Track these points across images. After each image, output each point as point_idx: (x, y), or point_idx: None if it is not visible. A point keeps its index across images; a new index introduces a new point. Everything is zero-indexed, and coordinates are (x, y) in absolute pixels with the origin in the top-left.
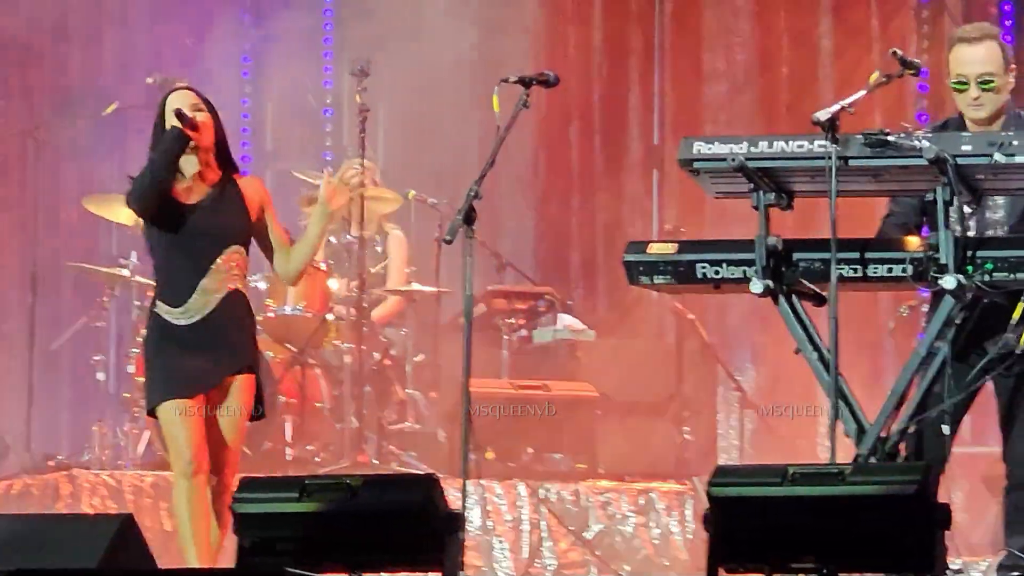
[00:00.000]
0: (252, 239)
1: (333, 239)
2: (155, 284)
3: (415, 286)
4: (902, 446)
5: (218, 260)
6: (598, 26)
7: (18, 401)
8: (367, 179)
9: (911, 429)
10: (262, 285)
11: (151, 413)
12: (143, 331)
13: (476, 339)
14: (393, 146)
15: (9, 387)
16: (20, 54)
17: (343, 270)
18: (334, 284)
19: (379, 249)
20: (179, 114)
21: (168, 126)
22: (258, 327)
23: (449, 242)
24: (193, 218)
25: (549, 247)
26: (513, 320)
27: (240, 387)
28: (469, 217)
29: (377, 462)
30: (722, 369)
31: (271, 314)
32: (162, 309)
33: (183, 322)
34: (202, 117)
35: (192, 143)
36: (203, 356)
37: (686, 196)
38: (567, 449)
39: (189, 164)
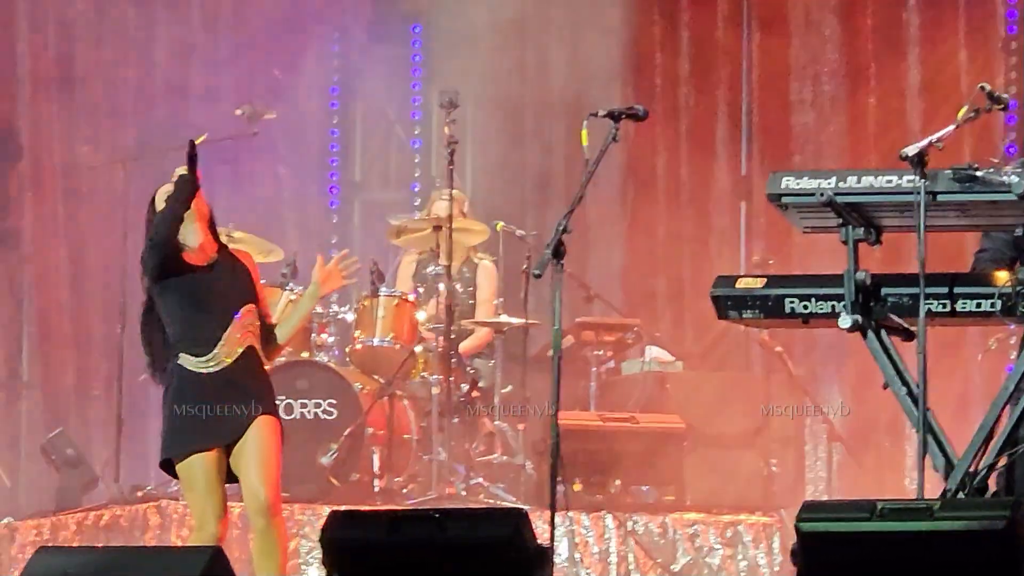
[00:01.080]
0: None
1: (421, 271)
2: (175, 341)
3: (504, 318)
4: (991, 481)
5: (238, 316)
6: (685, 56)
7: (107, 432)
8: (456, 211)
9: (1000, 464)
10: (349, 316)
11: (166, 464)
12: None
13: (564, 371)
14: (481, 178)
15: (98, 418)
16: (110, 84)
17: (431, 302)
18: (422, 315)
19: (468, 280)
20: (190, 156)
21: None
22: (345, 358)
23: (538, 276)
24: (210, 277)
25: (637, 279)
26: (601, 352)
27: (257, 426)
28: (558, 251)
29: (465, 494)
30: (810, 401)
31: (359, 345)
32: (187, 361)
33: (206, 371)
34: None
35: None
36: (227, 407)
37: (774, 228)
38: (654, 481)
39: (193, 234)
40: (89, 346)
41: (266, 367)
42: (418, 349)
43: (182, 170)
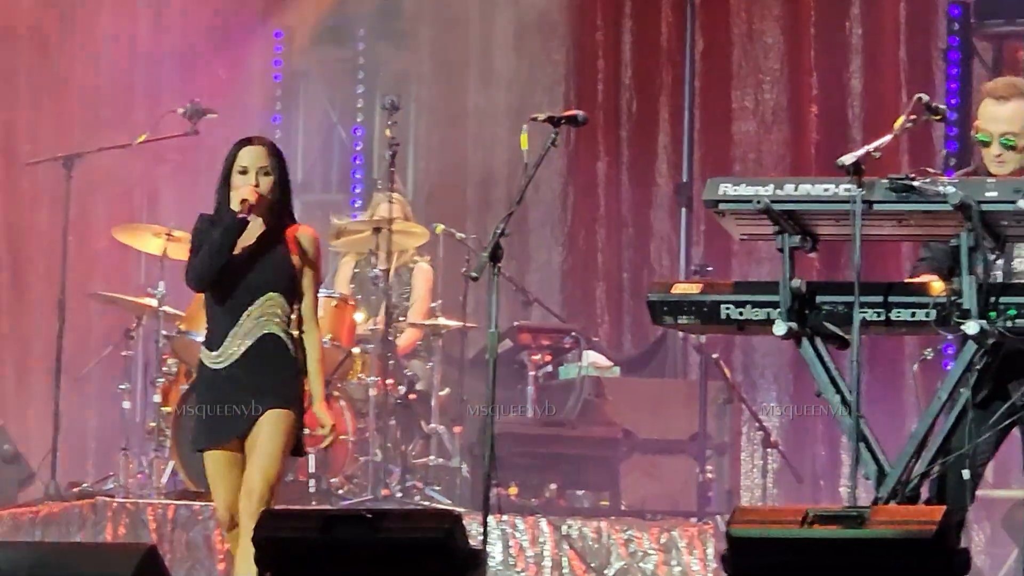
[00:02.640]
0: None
1: (360, 272)
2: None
3: (441, 320)
4: (923, 490)
5: (251, 307)
6: (628, 63)
7: (44, 428)
8: (399, 213)
9: (932, 473)
10: None
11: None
12: (169, 360)
13: (502, 374)
14: (422, 180)
15: (35, 414)
16: (51, 83)
17: (369, 303)
18: (360, 317)
19: (406, 281)
20: (242, 206)
21: (233, 201)
22: None
23: (476, 279)
24: (231, 267)
25: (576, 283)
26: (539, 356)
27: (265, 422)
28: (496, 254)
29: (400, 495)
30: (746, 408)
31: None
32: (204, 356)
33: (218, 366)
34: (265, 184)
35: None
36: (235, 402)
37: (714, 234)
38: (590, 486)
39: None
40: (28, 343)
41: (293, 353)
42: (356, 350)
43: (244, 193)
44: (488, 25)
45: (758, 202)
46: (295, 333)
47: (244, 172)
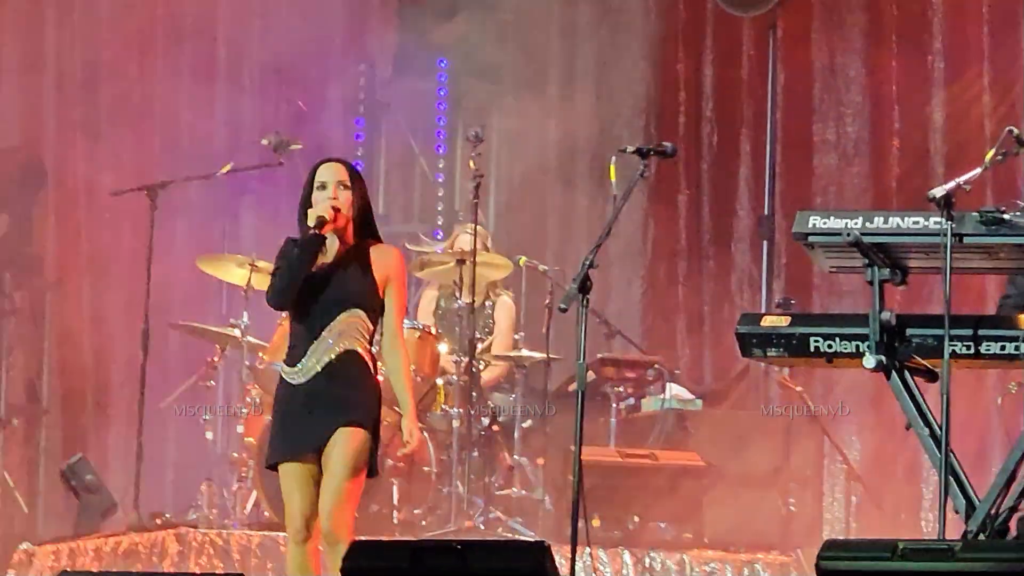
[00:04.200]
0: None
1: (443, 304)
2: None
3: (524, 352)
4: (1012, 524)
5: (332, 323)
6: (709, 96)
7: (127, 459)
8: (479, 245)
9: (1022, 507)
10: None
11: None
12: (252, 391)
13: (585, 406)
14: (504, 212)
15: (118, 445)
16: (134, 113)
17: (453, 335)
18: (443, 349)
19: (489, 314)
20: (318, 221)
21: (309, 218)
22: None
23: (564, 310)
24: (312, 284)
25: (656, 316)
26: (622, 388)
27: (338, 439)
28: (584, 286)
29: (483, 528)
30: (828, 441)
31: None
32: (284, 370)
33: (297, 381)
34: (343, 197)
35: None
36: (312, 416)
37: (795, 268)
38: (673, 518)
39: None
40: (109, 372)
41: (377, 373)
42: (439, 382)
43: (320, 210)
44: (569, 57)
45: (848, 234)
46: (374, 350)
47: (323, 188)
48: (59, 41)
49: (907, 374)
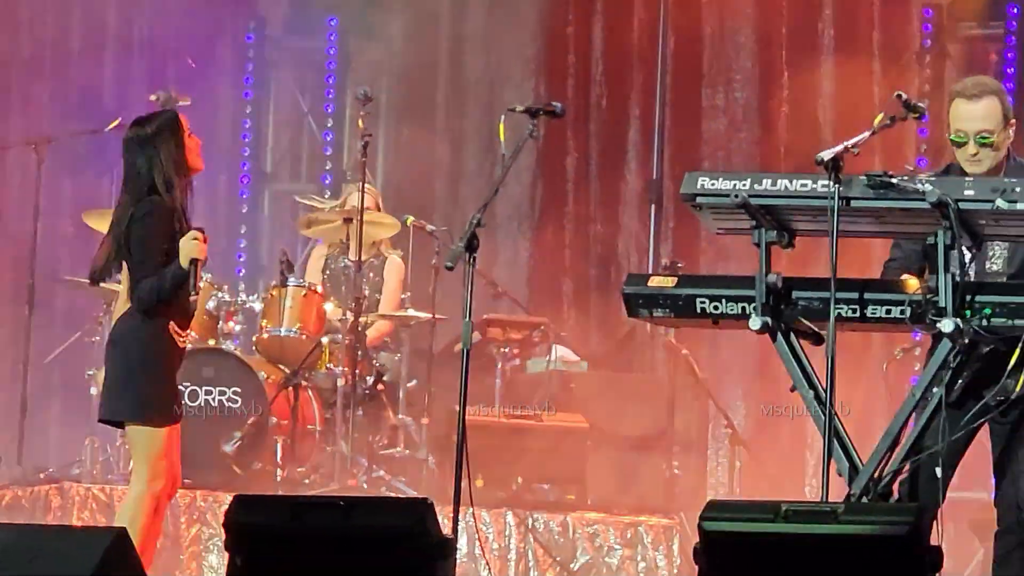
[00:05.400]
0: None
1: (331, 263)
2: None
3: (411, 311)
4: (895, 487)
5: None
6: (599, 59)
7: (10, 413)
8: (371, 204)
9: (904, 471)
10: (257, 306)
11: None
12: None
13: (470, 367)
14: (391, 172)
15: (2, 400)
16: (22, 68)
17: (339, 294)
18: (329, 307)
19: (376, 273)
20: (192, 262)
21: (186, 249)
22: (251, 347)
23: (451, 268)
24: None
25: (543, 277)
26: (507, 349)
27: None
28: (471, 244)
29: (367, 487)
30: (713, 405)
31: (266, 335)
32: (176, 329)
33: (186, 345)
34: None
35: None
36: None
37: (683, 231)
38: (557, 480)
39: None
40: None
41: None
42: (324, 340)
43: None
44: (459, 19)
45: (736, 196)
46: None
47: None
48: None
49: (793, 337)
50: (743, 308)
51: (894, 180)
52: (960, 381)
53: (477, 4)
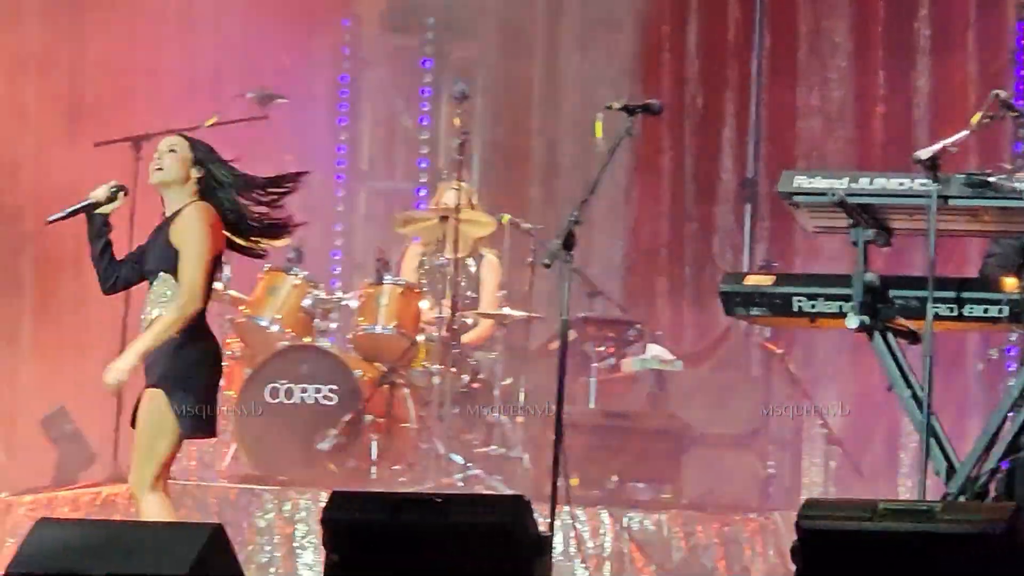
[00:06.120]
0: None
1: (427, 261)
2: None
3: (506, 310)
4: (992, 486)
5: (150, 291)
6: (694, 57)
7: (106, 410)
8: (464, 202)
9: (1001, 469)
10: (353, 303)
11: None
12: (233, 344)
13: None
14: (487, 170)
15: (95, 396)
16: (118, 65)
17: (436, 292)
18: (426, 305)
19: (473, 272)
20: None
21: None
22: (347, 345)
23: (548, 266)
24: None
25: (638, 277)
26: (603, 348)
27: (142, 401)
28: (568, 242)
29: (462, 485)
30: (808, 404)
31: (362, 332)
32: None
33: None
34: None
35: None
36: None
37: (778, 230)
38: (651, 479)
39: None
40: (90, 323)
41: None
42: (420, 338)
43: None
44: (555, 18)
45: (833, 195)
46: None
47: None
48: None
49: (889, 336)
50: (840, 307)
51: (992, 179)
52: None
53: (572, 3)
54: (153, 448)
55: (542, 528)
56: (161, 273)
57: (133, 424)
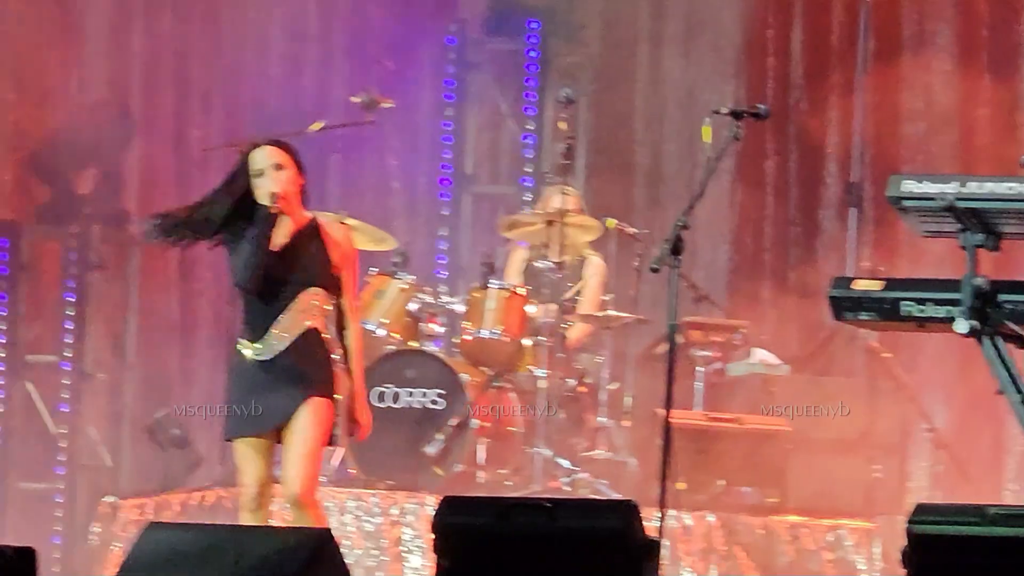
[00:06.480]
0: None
1: (533, 265)
2: (240, 323)
3: (611, 312)
4: None
5: (294, 301)
6: (798, 61)
7: (213, 415)
8: (572, 206)
9: None
10: (459, 307)
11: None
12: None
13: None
14: (591, 174)
15: (201, 400)
16: (224, 69)
17: (541, 296)
18: (532, 309)
19: (578, 275)
20: (272, 198)
21: (260, 198)
22: (453, 349)
23: (655, 271)
24: (276, 263)
25: (743, 281)
26: (708, 352)
27: (305, 410)
28: (676, 247)
29: (569, 489)
30: (914, 408)
31: (468, 336)
32: (243, 346)
33: (260, 357)
34: (283, 178)
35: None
36: (277, 391)
37: (882, 234)
38: (758, 483)
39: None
40: (195, 327)
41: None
42: (526, 342)
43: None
44: (659, 22)
45: (942, 199)
46: (331, 327)
47: (261, 175)
48: None
49: (999, 340)
50: (948, 312)
51: None
52: None
53: (676, 6)
54: (319, 456)
55: (650, 532)
56: (312, 287)
57: (276, 437)
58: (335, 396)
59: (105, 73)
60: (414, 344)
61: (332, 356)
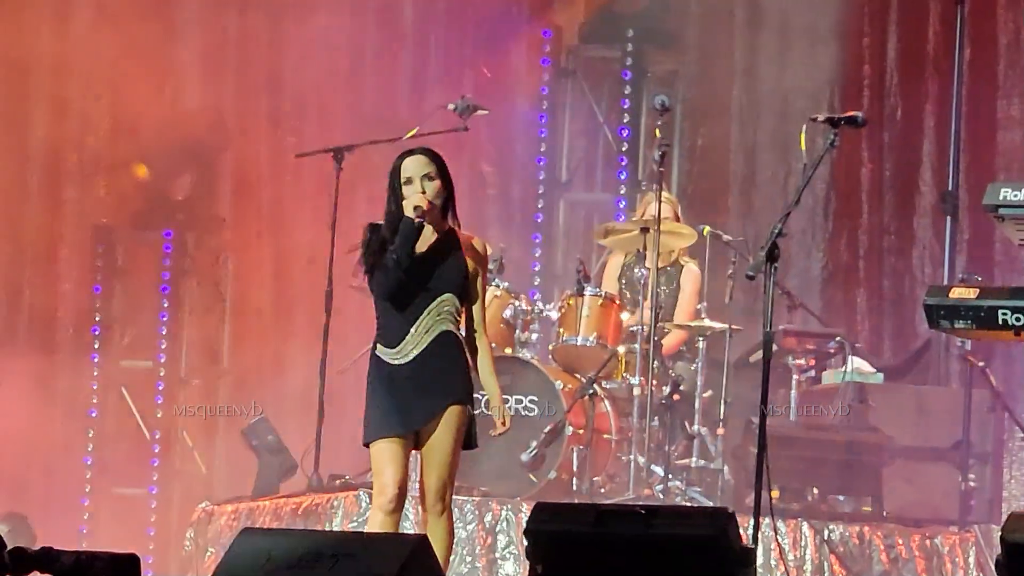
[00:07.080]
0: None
1: (628, 272)
2: (377, 328)
3: (706, 322)
4: None
5: (431, 307)
6: (893, 70)
7: (305, 420)
8: (670, 213)
9: None
10: (554, 315)
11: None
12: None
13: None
14: (686, 182)
15: (295, 406)
16: (319, 76)
17: (635, 303)
18: (626, 316)
19: (673, 283)
20: (417, 210)
21: (406, 209)
22: (548, 356)
23: (751, 278)
24: (415, 269)
25: (837, 289)
26: (803, 360)
27: (447, 417)
28: (772, 254)
29: (663, 496)
30: (1009, 417)
31: (562, 343)
32: (381, 351)
33: (399, 361)
34: (431, 188)
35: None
36: (418, 396)
37: (978, 244)
38: (853, 491)
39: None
40: (289, 334)
41: (465, 351)
42: (621, 350)
43: (417, 200)
44: (754, 30)
45: None
46: (463, 333)
47: (410, 182)
48: (243, 2)
49: None
50: None
51: None
52: None
53: (772, 14)
54: (458, 463)
55: (745, 540)
56: (447, 294)
57: (414, 441)
58: (472, 400)
59: (199, 81)
60: (509, 351)
61: (467, 361)
